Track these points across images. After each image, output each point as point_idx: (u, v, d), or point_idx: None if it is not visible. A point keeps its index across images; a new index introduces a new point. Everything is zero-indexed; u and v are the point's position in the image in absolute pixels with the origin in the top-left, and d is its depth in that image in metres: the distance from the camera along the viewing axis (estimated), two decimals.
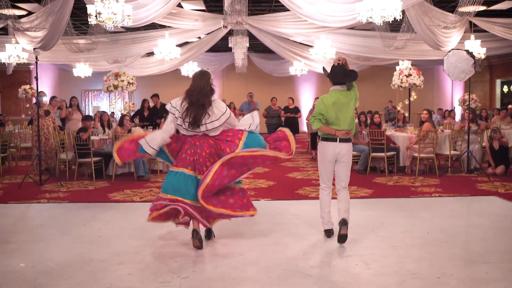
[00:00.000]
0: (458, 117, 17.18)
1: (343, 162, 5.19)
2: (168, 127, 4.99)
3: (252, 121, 5.09)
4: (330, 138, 5.13)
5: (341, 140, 5.11)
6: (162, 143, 4.97)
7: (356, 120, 10.86)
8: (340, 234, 5.02)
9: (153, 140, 4.95)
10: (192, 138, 4.97)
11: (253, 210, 5.00)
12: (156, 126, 11.88)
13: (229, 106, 17.40)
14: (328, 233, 5.33)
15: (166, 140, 4.98)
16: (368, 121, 11.76)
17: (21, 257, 4.78)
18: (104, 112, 13.29)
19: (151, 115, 13.17)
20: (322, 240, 5.28)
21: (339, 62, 5.20)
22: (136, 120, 12.84)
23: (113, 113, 16.95)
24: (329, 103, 5.11)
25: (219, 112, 4.91)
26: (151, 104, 13.43)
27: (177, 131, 5.10)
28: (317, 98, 13.35)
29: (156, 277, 4.16)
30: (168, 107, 4.99)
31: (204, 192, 4.72)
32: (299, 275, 4.18)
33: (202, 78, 4.97)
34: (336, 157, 5.17)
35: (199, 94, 4.87)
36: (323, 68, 5.51)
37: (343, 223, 5.05)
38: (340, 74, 5.16)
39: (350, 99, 5.16)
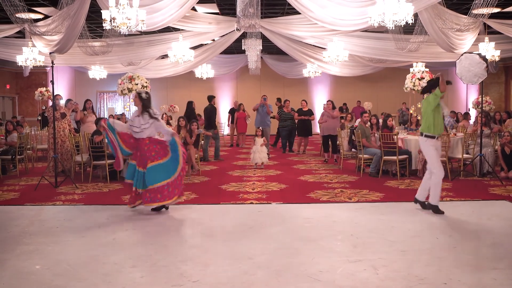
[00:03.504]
0: (473, 120, 17.04)
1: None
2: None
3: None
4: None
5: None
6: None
7: (368, 124, 10.87)
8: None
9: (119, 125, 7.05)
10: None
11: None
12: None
13: (239, 106, 17.45)
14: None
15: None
16: (380, 123, 11.75)
17: (37, 259, 4.91)
18: (122, 114, 13.38)
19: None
20: (331, 245, 5.34)
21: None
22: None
23: (123, 114, 17.09)
24: None
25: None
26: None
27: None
28: (328, 101, 13.38)
29: (167, 280, 4.25)
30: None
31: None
32: (308, 280, 4.24)
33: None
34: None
35: None
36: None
37: (423, 206, 6.93)
38: None
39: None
